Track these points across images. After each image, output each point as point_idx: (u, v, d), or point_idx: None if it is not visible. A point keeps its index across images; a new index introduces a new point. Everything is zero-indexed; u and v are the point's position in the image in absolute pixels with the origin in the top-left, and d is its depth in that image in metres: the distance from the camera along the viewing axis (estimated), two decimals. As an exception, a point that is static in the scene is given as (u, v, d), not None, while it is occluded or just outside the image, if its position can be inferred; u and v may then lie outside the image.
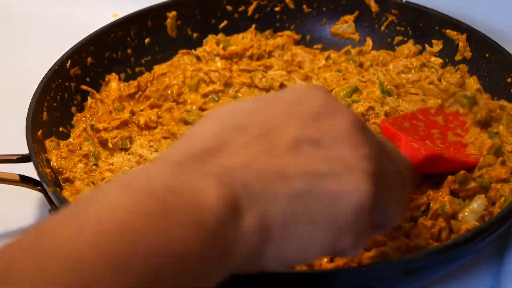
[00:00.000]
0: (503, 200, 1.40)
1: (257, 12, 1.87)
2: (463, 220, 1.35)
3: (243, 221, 0.80)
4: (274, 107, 0.89)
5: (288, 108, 0.89)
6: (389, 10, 1.82)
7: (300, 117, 0.87)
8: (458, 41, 1.72)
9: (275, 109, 0.89)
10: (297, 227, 0.84)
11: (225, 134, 0.85)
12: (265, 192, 0.82)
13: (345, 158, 0.86)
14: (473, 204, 1.37)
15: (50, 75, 1.58)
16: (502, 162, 1.45)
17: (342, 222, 0.85)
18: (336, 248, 0.88)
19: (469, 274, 1.41)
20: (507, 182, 1.43)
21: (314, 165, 0.84)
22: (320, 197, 0.84)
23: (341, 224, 0.85)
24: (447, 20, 1.75)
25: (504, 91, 1.61)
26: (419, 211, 1.38)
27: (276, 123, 0.86)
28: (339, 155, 0.86)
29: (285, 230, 0.83)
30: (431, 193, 1.40)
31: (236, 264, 0.82)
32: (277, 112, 0.88)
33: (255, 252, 0.83)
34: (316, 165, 0.84)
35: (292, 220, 0.83)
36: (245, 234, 0.81)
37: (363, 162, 0.87)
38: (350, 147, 0.87)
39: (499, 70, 1.63)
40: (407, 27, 1.81)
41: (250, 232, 0.81)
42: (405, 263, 1.23)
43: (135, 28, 1.77)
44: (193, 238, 0.75)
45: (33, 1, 2.15)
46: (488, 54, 1.67)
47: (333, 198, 0.84)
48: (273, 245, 0.84)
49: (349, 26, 1.86)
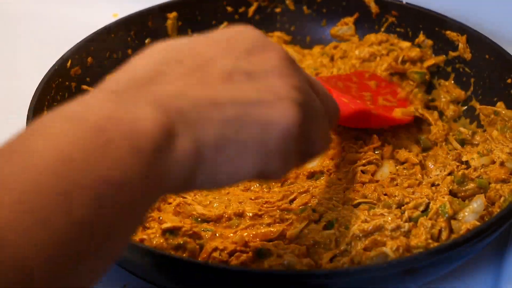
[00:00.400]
0: (502, 200, 1.40)
1: (257, 13, 1.88)
2: (463, 220, 1.35)
3: (178, 145, 0.85)
4: (210, 43, 0.95)
5: (223, 44, 0.95)
6: (389, 11, 1.83)
7: (235, 51, 0.93)
8: (458, 42, 1.73)
9: (211, 45, 0.95)
10: (228, 150, 0.89)
11: (162, 66, 0.91)
12: (199, 118, 0.87)
13: (275, 88, 0.92)
14: (473, 204, 1.37)
15: (50, 75, 1.58)
16: (501, 163, 1.45)
17: (271, 146, 0.91)
18: (265, 171, 0.93)
19: (469, 274, 1.41)
20: (507, 183, 1.43)
21: (245, 93, 0.90)
22: (251, 123, 0.89)
23: (270, 148, 0.91)
24: (448, 21, 1.75)
25: (504, 92, 1.61)
26: (419, 211, 1.38)
27: (211, 56, 0.92)
28: (270, 85, 0.92)
29: (218, 153, 0.88)
30: (430, 193, 1.40)
31: (171, 186, 0.86)
32: (213, 47, 0.94)
33: (189, 174, 0.87)
34: (247, 93, 0.90)
35: (224, 144, 0.88)
36: (180, 158, 0.85)
37: (292, 91, 0.93)
38: (280, 78, 0.93)
39: (500, 71, 1.63)
40: (407, 29, 1.81)
41: (184, 155, 0.85)
42: (405, 263, 1.23)
43: (135, 28, 1.77)
44: (132, 164, 0.79)
45: (33, 1, 2.15)
46: (488, 55, 1.67)
47: (263, 123, 0.90)
48: (206, 167, 0.88)
49: (349, 28, 1.86)
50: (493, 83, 1.65)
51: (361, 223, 1.33)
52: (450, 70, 1.75)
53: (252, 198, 1.42)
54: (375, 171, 1.48)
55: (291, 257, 1.28)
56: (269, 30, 1.88)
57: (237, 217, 1.38)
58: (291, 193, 1.43)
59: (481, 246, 1.32)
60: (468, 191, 1.42)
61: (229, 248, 1.30)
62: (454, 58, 1.73)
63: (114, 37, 1.74)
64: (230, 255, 1.30)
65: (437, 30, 1.76)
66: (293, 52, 1.82)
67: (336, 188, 1.44)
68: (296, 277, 1.22)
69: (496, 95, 1.63)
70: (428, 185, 1.44)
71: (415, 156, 1.50)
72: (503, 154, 1.47)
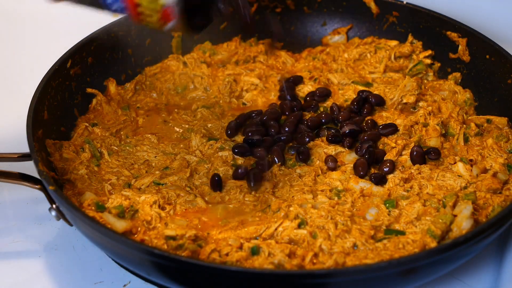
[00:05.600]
0: (491, 209, 1.41)
1: (257, 13, 1.88)
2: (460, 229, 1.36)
3: None
4: None
5: None
6: (390, 11, 1.83)
7: None
8: (458, 43, 1.73)
9: None
10: None
11: None
12: None
13: None
14: (464, 211, 1.38)
15: (50, 75, 1.58)
16: (494, 174, 1.47)
17: None
18: None
19: (469, 274, 1.41)
20: (496, 193, 1.44)
21: None
22: None
23: None
24: (448, 21, 1.75)
25: (504, 92, 1.61)
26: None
27: None
28: None
29: None
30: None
31: None
32: None
33: None
34: None
35: None
36: None
37: None
38: None
39: (500, 72, 1.63)
40: (408, 29, 1.81)
41: None
42: (405, 263, 1.23)
43: (136, 28, 1.77)
44: None
45: (33, 1, 2.15)
46: (488, 55, 1.67)
47: None
48: None
49: (341, 37, 1.88)
50: (493, 83, 1.65)
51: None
52: (450, 70, 1.76)
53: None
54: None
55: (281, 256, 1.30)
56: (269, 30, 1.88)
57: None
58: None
59: (481, 246, 1.33)
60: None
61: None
62: (454, 59, 1.74)
63: (114, 37, 1.74)
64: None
65: (438, 30, 1.77)
66: (286, 56, 1.84)
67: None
68: (296, 276, 1.22)
69: (497, 95, 1.63)
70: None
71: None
72: (497, 164, 1.50)
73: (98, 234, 1.29)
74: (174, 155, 1.56)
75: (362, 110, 1.67)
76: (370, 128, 1.61)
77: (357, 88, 1.73)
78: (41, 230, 1.52)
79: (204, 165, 1.54)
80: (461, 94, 1.69)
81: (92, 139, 1.57)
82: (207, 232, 1.38)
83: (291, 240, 1.35)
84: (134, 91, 1.73)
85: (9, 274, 1.45)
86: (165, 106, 1.71)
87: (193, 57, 1.80)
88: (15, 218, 1.55)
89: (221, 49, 1.84)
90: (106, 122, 1.64)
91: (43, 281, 1.44)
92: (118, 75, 1.74)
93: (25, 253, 1.49)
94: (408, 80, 1.70)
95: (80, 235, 1.46)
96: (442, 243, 1.32)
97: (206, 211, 1.44)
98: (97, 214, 1.38)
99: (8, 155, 1.45)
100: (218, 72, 1.78)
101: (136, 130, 1.63)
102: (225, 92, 1.73)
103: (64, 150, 1.53)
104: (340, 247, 1.32)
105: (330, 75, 1.77)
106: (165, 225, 1.39)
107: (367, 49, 1.80)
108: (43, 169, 1.38)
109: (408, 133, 1.59)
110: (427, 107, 1.64)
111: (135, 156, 1.56)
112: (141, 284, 1.41)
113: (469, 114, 1.65)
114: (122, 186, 1.48)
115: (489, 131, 1.58)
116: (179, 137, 1.63)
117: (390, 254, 1.30)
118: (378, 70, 1.77)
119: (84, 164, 1.51)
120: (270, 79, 1.78)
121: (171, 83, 1.75)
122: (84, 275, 1.43)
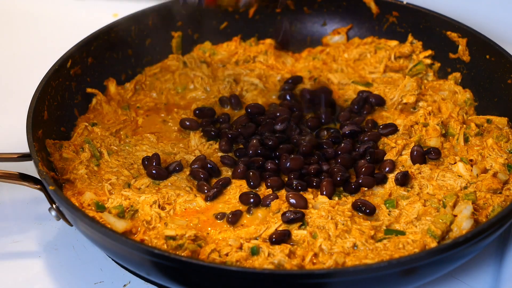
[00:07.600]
0: (491, 209, 1.41)
1: (257, 13, 1.88)
2: (460, 229, 1.36)
3: None
4: None
5: None
6: (390, 11, 1.83)
7: None
8: (458, 43, 1.73)
9: None
10: None
11: None
12: None
13: None
14: (464, 211, 1.38)
15: (50, 75, 1.58)
16: (494, 174, 1.47)
17: None
18: None
19: (469, 274, 1.41)
20: (496, 193, 1.44)
21: None
22: None
23: None
24: (448, 21, 1.75)
25: (504, 93, 1.61)
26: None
27: None
28: None
29: None
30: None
31: None
32: None
33: None
34: None
35: None
36: None
37: None
38: None
39: (500, 72, 1.63)
40: (408, 29, 1.81)
41: None
42: (405, 263, 1.23)
43: (136, 28, 1.77)
44: None
45: (33, 1, 2.15)
46: (488, 55, 1.67)
47: None
48: None
49: (341, 37, 1.88)
50: (493, 83, 1.65)
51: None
52: (450, 70, 1.75)
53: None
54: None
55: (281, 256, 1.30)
56: (269, 30, 1.88)
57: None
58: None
59: (481, 246, 1.33)
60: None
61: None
62: (454, 59, 1.74)
63: (114, 37, 1.74)
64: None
65: (438, 30, 1.77)
66: (287, 56, 1.84)
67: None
68: (296, 276, 1.22)
69: (497, 95, 1.63)
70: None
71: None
72: (497, 164, 1.50)
73: (98, 234, 1.29)
74: (174, 155, 1.56)
75: (362, 110, 1.67)
76: (370, 128, 1.62)
77: (357, 88, 1.73)
78: (41, 230, 1.52)
79: (204, 165, 1.54)
80: (461, 94, 1.69)
81: (92, 139, 1.57)
82: (206, 232, 1.39)
83: (291, 240, 1.35)
84: (134, 91, 1.73)
85: (9, 274, 1.45)
86: (164, 106, 1.71)
87: (193, 57, 1.81)
88: (15, 218, 1.55)
89: (221, 49, 1.84)
90: (106, 122, 1.64)
91: (43, 281, 1.44)
92: (118, 75, 1.74)
93: (25, 253, 1.49)
94: (408, 80, 1.70)
95: (80, 235, 1.46)
96: (442, 243, 1.32)
97: (206, 211, 1.44)
98: (97, 214, 1.39)
99: (8, 155, 1.45)
100: (218, 72, 1.79)
101: (136, 130, 1.64)
102: (225, 92, 1.73)
103: (64, 150, 1.53)
104: (340, 247, 1.32)
105: (330, 75, 1.78)
106: (165, 225, 1.39)
107: (367, 49, 1.81)
108: (43, 169, 1.38)
109: (408, 133, 1.60)
110: (427, 107, 1.64)
111: (134, 155, 1.56)
112: (141, 284, 1.41)
113: (469, 114, 1.65)
114: (122, 186, 1.48)
115: (489, 131, 1.58)
116: (178, 135, 1.63)
117: (390, 254, 1.30)
118: (378, 70, 1.78)
119: (84, 164, 1.51)
120: (270, 79, 1.78)
121: (171, 83, 1.75)
122: (84, 275, 1.43)
